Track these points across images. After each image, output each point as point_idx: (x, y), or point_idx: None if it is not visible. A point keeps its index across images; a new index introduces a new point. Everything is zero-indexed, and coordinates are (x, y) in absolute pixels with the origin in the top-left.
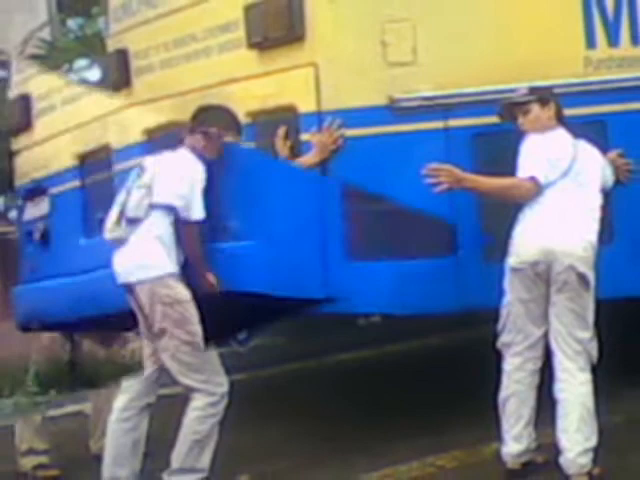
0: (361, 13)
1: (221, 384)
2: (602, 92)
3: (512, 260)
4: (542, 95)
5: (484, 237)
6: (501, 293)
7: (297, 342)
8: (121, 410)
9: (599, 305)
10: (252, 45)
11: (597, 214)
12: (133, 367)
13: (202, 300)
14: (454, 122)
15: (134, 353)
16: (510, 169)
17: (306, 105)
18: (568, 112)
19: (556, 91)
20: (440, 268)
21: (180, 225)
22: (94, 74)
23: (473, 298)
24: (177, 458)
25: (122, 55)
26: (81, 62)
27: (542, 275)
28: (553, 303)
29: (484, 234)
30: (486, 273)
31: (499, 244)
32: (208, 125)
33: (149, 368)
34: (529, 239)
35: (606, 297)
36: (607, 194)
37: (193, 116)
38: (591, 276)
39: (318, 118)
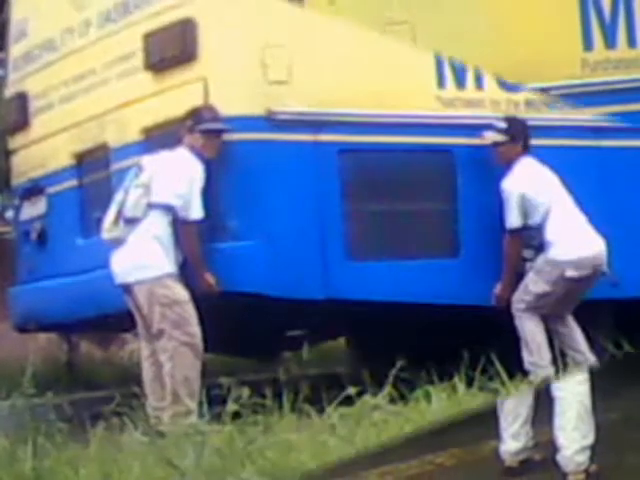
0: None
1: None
2: (599, 94)
3: None
4: (513, 134)
5: (485, 237)
6: None
7: None
8: None
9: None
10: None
11: None
12: (131, 368)
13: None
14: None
15: (132, 354)
16: None
17: None
18: (566, 113)
19: (553, 92)
20: (441, 268)
21: (179, 225)
22: None
23: (474, 298)
24: None
25: None
26: None
27: None
28: None
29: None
30: (486, 272)
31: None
32: None
33: (147, 369)
34: None
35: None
36: None
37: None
38: None
39: None
